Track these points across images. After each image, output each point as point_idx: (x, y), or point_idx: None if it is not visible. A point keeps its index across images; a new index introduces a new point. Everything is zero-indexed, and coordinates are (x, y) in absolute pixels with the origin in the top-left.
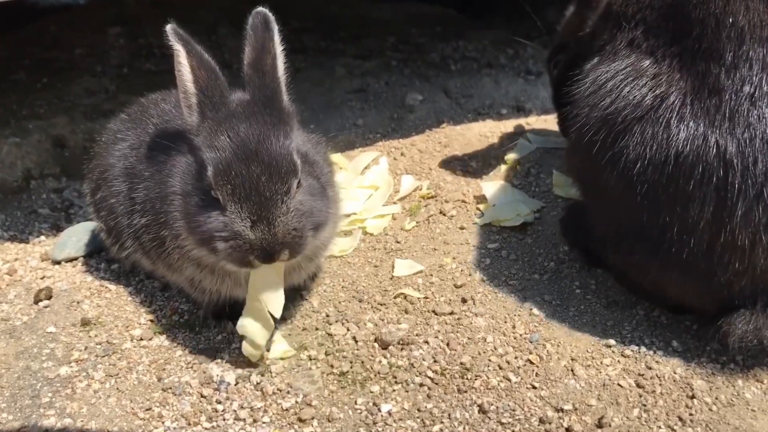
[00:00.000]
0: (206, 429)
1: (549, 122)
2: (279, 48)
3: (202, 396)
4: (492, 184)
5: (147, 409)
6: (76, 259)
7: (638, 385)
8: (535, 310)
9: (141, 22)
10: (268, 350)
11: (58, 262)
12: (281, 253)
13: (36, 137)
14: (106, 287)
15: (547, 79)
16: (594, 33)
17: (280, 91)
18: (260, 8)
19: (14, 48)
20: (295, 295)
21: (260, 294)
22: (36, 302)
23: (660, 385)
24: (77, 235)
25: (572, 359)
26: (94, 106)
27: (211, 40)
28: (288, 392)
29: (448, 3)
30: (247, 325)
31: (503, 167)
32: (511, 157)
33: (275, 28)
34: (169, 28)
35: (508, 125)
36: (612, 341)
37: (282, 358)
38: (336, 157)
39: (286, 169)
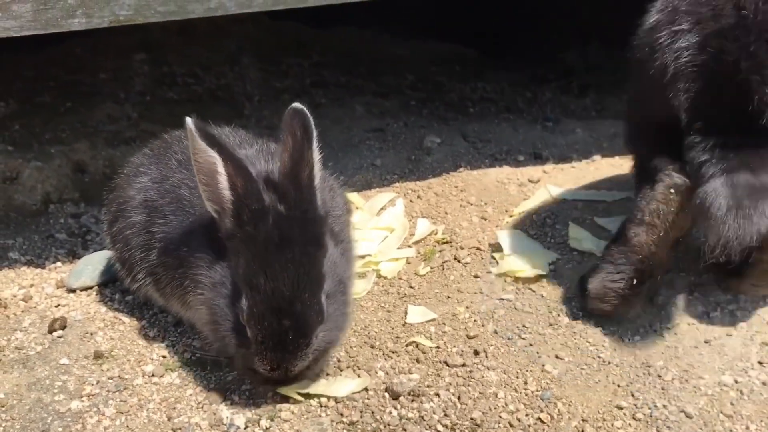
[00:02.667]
0: None
1: (566, 171)
2: (317, 156)
3: None
4: (508, 233)
5: None
6: (91, 288)
7: None
8: (548, 367)
9: (165, 49)
10: None
11: (73, 291)
12: (292, 384)
13: (57, 162)
14: (120, 319)
15: (564, 127)
16: None
17: (315, 204)
18: (297, 105)
19: (40, 69)
20: None
21: None
22: (50, 332)
23: None
24: (93, 264)
25: (583, 420)
26: (116, 132)
27: (233, 71)
28: None
29: (467, 42)
30: None
31: (519, 216)
32: (527, 205)
33: (314, 132)
34: (190, 124)
35: (525, 172)
36: (624, 403)
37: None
38: (352, 197)
39: (313, 322)
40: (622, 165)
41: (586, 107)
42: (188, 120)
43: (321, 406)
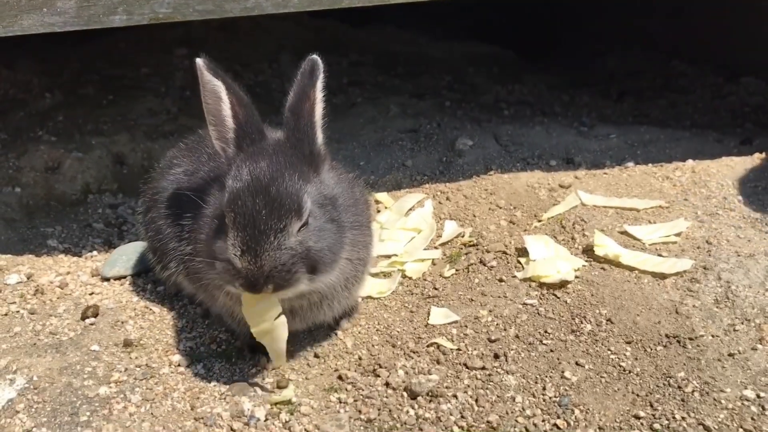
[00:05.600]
0: None
1: (598, 177)
2: (319, 95)
3: (231, 429)
4: (535, 238)
5: None
6: (124, 277)
7: None
8: (567, 373)
9: (206, 45)
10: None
11: (107, 279)
12: (265, 286)
13: (98, 153)
14: (150, 309)
15: (598, 132)
16: None
17: (313, 135)
18: (313, 56)
19: (85, 62)
20: (329, 335)
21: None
22: (83, 318)
23: None
24: (127, 254)
25: (599, 428)
26: (155, 126)
27: (272, 68)
28: None
29: (506, 44)
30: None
31: (548, 221)
32: (557, 211)
33: (320, 75)
34: (200, 62)
35: (557, 177)
36: (641, 413)
37: (278, 402)
38: (382, 197)
39: (288, 207)
40: (655, 173)
41: (624, 112)
42: (198, 60)
43: (340, 402)
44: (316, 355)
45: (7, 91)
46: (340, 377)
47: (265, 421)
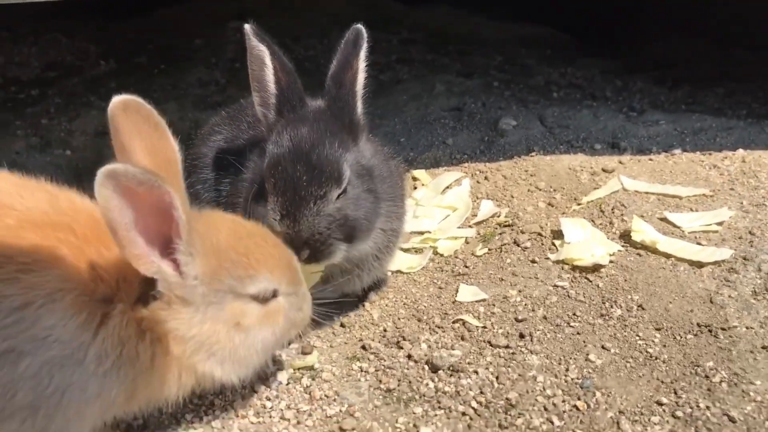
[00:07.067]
0: (252, 423)
1: (642, 163)
2: (362, 65)
3: (253, 390)
4: (571, 221)
5: (200, 396)
6: None
7: None
8: (592, 356)
9: (259, 19)
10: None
11: None
12: (302, 251)
13: None
14: None
15: (647, 118)
16: None
17: (354, 105)
18: (357, 25)
19: (140, 32)
20: (357, 305)
21: None
22: None
23: None
24: None
25: (620, 412)
26: (204, 96)
27: (323, 43)
28: (334, 400)
29: (562, 27)
30: None
31: (587, 204)
32: (597, 194)
33: (363, 45)
34: (248, 27)
35: (600, 161)
36: (665, 399)
37: (301, 368)
38: (419, 174)
39: (329, 175)
40: (702, 161)
41: (677, 100)
42: (246, 25)
43: (361, 371)
44: (342, 325)
45: (64, 57)
46: (363, 347)
47: (287, 384)
